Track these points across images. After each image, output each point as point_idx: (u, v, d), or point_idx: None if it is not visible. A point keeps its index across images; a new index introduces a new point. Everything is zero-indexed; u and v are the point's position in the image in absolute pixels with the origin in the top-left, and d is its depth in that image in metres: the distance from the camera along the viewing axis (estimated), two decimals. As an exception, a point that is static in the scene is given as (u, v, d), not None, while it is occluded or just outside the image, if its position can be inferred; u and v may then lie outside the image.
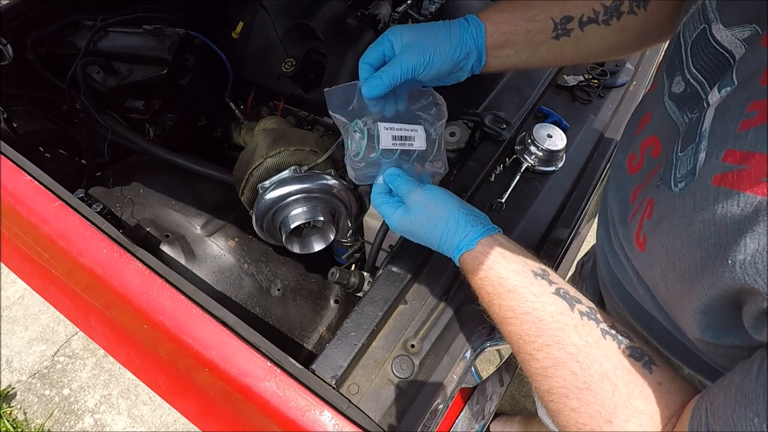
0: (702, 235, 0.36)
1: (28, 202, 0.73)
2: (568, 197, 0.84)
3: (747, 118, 0.34)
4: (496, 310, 0.52)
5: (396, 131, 0.62)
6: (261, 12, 1.15)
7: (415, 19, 1.20)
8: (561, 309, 0.49)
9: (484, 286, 0.53)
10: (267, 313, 0.90)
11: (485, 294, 0.53)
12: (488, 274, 0.53)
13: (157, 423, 1.60)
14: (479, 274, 0.54)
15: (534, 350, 0.48)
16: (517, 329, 0.50)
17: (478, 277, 0.54)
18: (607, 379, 0.44)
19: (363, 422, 0.56)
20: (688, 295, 0.38)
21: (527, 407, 1.66)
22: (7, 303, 1.84)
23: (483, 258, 0.54)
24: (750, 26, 0.39)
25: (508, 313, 0.51)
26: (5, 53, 1.00)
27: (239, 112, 1.22)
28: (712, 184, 0.35)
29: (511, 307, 0.51)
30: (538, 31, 0.60)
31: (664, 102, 0.49)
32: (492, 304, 0.53)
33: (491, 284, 0.53)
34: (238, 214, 0.98)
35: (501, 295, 0.52)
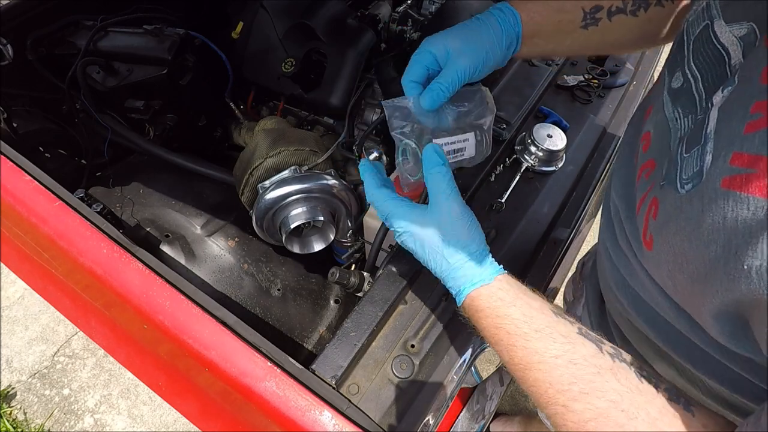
0: (710, 237, 0.35)
1: (28, 202, 0.73)
2: (568, 197, 0.84)
3: (751, 120, 0.34)
4: (519, 354, 0.46)
5: (448, 146, 0.60)
6: (261, 12, 1.15)
7: (415, 19, 1.20)
8: (592, 351, 0.44)
9: (504, 325, 0.48)
10: (267, 313, 0.90)
11: (504, 335, 0.48)
12: (509, 311, 0.48)
13: (157, 423, 1.60)
14: (498, 311, 0.48)
15: (570, 400, 0.43)
16: (546, 376, 0.45)
17: (497, 315, 0.48)
18: (656, 429, 0.40)
19: (363, 422, 0.56)
20: (700, 297, 0.38)
21: (527, 407, 1.66)
22: (7, 303, 1.84)
23: (502, 294, 0.49)
24: (748, 24, 0.39)
25: (535, 357, 0.45)
26: (5, 53, 1.00)
27: (239, 112, 1.22)
28: (720, 186, 0.35)
29: (537, 350, 0.45)
30: (567, 21, 0.60)
31: (663, 96, 0.49)
32: (514, 347, 0.47)
33: (513, 323, 0.47)
34: (238, 214, 0.98)
35: (526, 335, 0.46)
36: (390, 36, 1.20)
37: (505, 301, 0.49)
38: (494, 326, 0.49)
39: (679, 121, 0.46)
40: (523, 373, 0.47)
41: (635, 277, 0.52)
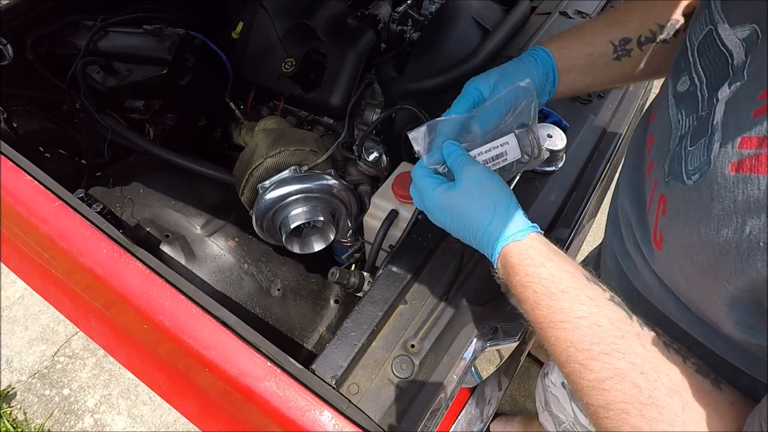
0: (721, 222, 0.35)
1: (28, 202, 0.73)
2: (568, 197, 0.84)
3: (759, 105, 0.35)
4: (544, 312, 0.47)
5: (485, 154, 0.60)
6: (261, 12, 1.15)
7: (415, 19, 1.20)
8: (620, 316, 0.44)
9: (531, 283, 0.48)
10: (267, 313, 0.90)
11: (531, 293, 0.48)
12: (538, 270, 0.48)
13: (157, 423, 1.60)
14: (527, 269, 0.48)
15: (588, 359, 0.43)
16: (567, 335, 0.45)
17: (525, 273, 0.48)
18: (677, 394, 0.39)
19: (363, 422, 0.56)
20: (713, 288, 0.38)
21: (527, 407, 1.66)
22: (7, 303, 1.84)
23: (533, 253, 0.49)
24: (750, 26, 0.40)
25: (559, 316, 0.45)
26: (5, 53, 1.00)
27: (239, 112, 1.22)
28: (729, 171, 0.35)
29: (563, 310, 0.45)
30: (599, 54, 0.63)
31: (668, 100, 0.50)
32: (539, 306, 0.47)
33: (541, 282, 0.47)
34: (238, 214, 0.98)
35: (552, 295, 0.46)
36: (390, 36, 1.20)
37: (535, 260, 0.49)
38: (522, 284, 0.49)
39: (681, 121, 0.46)
40: (546, 331, 0.47)
41: (644, 284, 0.52)
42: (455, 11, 1.09)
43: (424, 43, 1.09)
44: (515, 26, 1.08)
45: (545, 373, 1.02)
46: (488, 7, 1.13)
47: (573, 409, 0.91)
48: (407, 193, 0.83)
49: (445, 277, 0.71)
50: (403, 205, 0.84)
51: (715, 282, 0.37)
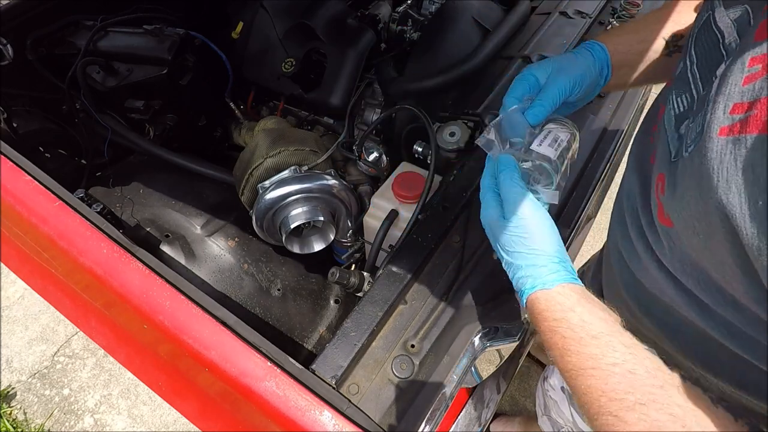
0: (710, 184, 0.36)
1: (28, 202, 0.73)
2: (568, 197, 0.84)
3: (749, 73, 0.35)
4: (573, 359, 0.44)
5: (546, 139, 0.59)
6: (261, 12, 1.15)
7: (415, 19, 1.20)
8: (657, 365, 0.41)
9: (559, 329, 0.46)
10: (267, 313, 0.90)
11: (559, 339, 0.45)
12: (567, 315, 0.46)
13: (157, 423, 1.60)
14: (555, 314, 0.47)
15: (622, 410, 0.39)
16: (599, 383, 0.41)
17: (554, 318, 0.46)
18: None
19: (363, 422, 0.56)
20: (720, 250, 0.37)
21: (527, 407, 1.66)
22: (7, 303, 1.84)
23: (561, 299, 0.47)
24: (742, 6, 0.42)
25: (589, 363, 0.42)
26: (5, 53, 1.00)
27: (239, 112, 1.22)
28: (718, 135, 0.36)
29: (593, 356, 0.43)
30: (652, 50, 0.64)
31: (670, 87, 0.51)
32: (567, 352, 0.45)
33: (570, 327, 0.45)
34: (238, 214, 0.98)
35: (582, 340, 0.44)
36: (390, 36, 1.20)
37: (564, 305, 0.47)
38: (550, 330, 0.47)
39: (672, 101, 0.48)
40: (576, 380, 0.44)
41: (648, 275, 0.52)
42: (455, 11, 1.09)
43: (424, 43, 1.09)
44: (515, 26, 1.08)
45: (545, 377, 1.02)
46: (488, 7, 1.13)
47: (572, 414, 0.90)
48: (407, 193, 0.83)
49: (445, 277, 0.71)
50: (403, 205, 0.84)
51: (721, 245, 0.36)
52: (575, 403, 0.88)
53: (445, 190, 0.78)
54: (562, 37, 1.04)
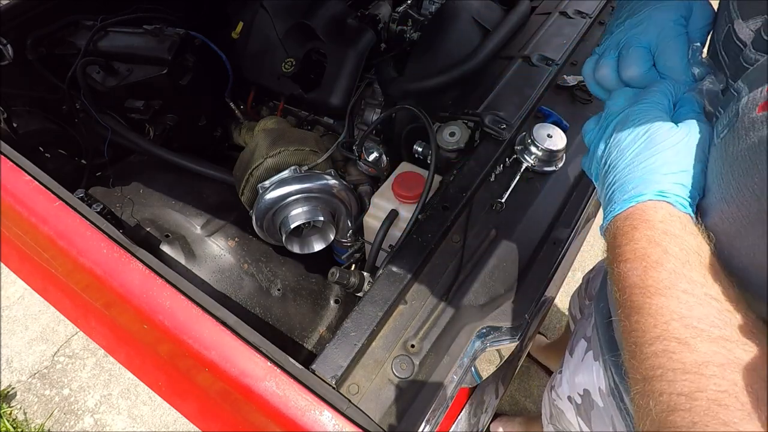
0: (749, 163, 0.34)
1: (28, 202, 0.73)
2: (568, 197, 0.84)
3: None
4: (662, 276, 0.38)
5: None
6: (261, 12, 1.15)
7: (415, 19, 1.20)
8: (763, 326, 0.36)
9: (664, 243, 0.39)
10: (267, 313, 0.90)
11: (657, 253, 0.39)
12: (687, 238, 0.40)
13: (157, 423, 1.59)
14: (670, 228, 0.40)
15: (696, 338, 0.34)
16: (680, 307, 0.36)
17: (664, 233, 0.39)
18: None
19: (363, 422, 0.56)
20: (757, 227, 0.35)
21: (527, 407, 1.66)
22: (7, 303, 1.84)
23: (687, 222, 0.40)
24: (762, 17, 0.42)
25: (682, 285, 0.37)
26: (5, 53, 1.00)
27: (239, 112, 1.22)
28: (756, 113, 0.35)
29: (693, 281, 0.37)
30: None
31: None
32: (659, 267, 0.38)
33: (680, 247, 0.38)
34: (238, 214, 0.98)
35: (688, 264, 0.38)
36: (390, 36, 1.20)
37: (686, 229, 0.40)
38: (653, 240, 0.40)
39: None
40: (649, 297, 0.38)
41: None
42: (455, 11, 1.09)
43: (424, 43, 1.09)
44: (515, 26, 1.08)
45: (552, 386, 1.01)
46: (488, 7, 1.13)
47: (579, 423, 0.90)
48: (407, 193, 0.83)
49: (445, 277, 0.71)
50: (403, 205, 0.84)
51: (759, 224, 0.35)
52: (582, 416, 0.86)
53: (445, 190, 0.78)
54: (562, 37, 1.04)
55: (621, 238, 0.42)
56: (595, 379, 0.78)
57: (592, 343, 0.81)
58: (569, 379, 0.89)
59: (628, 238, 0.41)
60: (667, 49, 0.48)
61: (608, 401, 0.74)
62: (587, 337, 0.85)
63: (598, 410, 0.79)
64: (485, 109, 0.89)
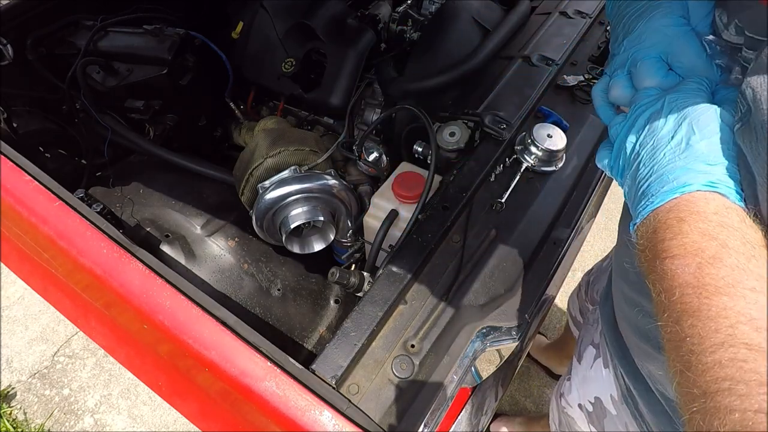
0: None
1: (28, 202, 0.73)
2: (568, 197, 0.84)
3: None
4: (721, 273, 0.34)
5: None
6: (261, 12, 1.15)
7: (415, 19, 1.20)
8: None
9: (721, 236, 0.35)
10: (267, 313, 0.90)
11: (714, 247, 0.35)
12: (745, 230, 0.36)
13: (157, 423, 1.59)
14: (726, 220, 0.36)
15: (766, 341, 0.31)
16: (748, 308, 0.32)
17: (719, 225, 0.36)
18: None
19: (363, 422, 0.56)
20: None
21: (527, 407, 1.66)
22: (7, 303, 1.84)
23: (741, 213, 0.37)
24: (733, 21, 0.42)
25: (750, 282, 0.33)
26: (5, 53, 1.00)
27: (239, 112, 1.22)
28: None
29: (761, 276, 0.34)
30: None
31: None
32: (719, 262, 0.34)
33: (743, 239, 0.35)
34: (238, 214, 0.98)
35: (752, 258, 0.34)
36: (390, 36, 1.20)
37: (742, 217, 0.36)
38: (706, 233, 0.35)
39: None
40: (707, 298, 0.33)
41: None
42: (455, 11, 1.09)
43: (424, 43, 1.09)
44: (515, 26, 1.08)
45: (561, 393, 1.00)
46: (488, 7, 1.13)
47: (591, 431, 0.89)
48: (407, 193, 0.83)
49: (445, 277, 0.71)
50: (403, 205, 0.84)
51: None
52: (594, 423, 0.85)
53: (445, 190, 0.78)
54: (562, 37, 1.04)
55: (664, 232, 0.37)
56: (607, 387, 0.77)
57: (600, 350, 0.80)
58: (579, 386, 0.88)
59: (674, 232, 0.37)
60: (679, 50, 0.45)
61: (621, 408, 0.73)
62: (595, 344, 0.84)
63: (611, 418, 0.78)
64: (485, 109, 0.89)
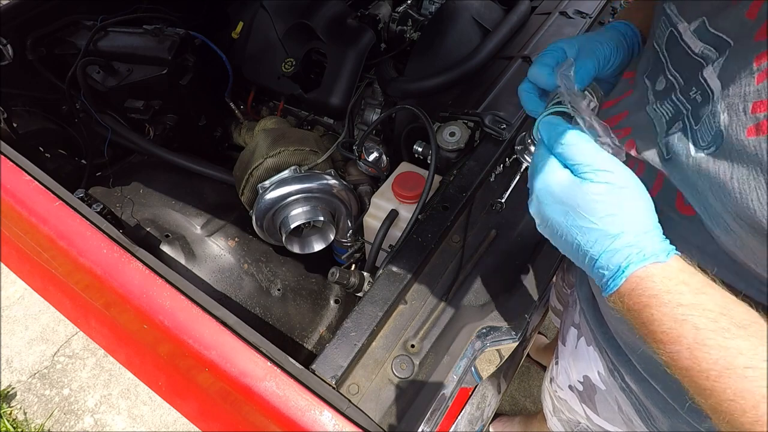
0: (746, 185, 0.36)
1: (28, 202, 0.73)
2: (568, 197, 0.84)
3: (759, 72, 0.36)
4: (713, 356, 0.36)
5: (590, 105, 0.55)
6: (261, 12, 1.15)
7: (415, 19, 1.20)
8: None
9: (690, 316, 0.37)
10: (267, 313, 0.90)
11: (690, 331, 0.37)
12: (700, 299, 0.38)
13: (157, 423, 1.59)
14: (682, 298, 0.38)
15: None
16: (757, 386, 0.34)
17: (679, 303, 0.38)
18: None
19: (363, 422, 0.56)
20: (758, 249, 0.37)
21: (527, 407, 1.66)
22: (7, 303, 1.84)
23: (686, 277, 0.39)
24: (700, 19, 0.44)
25: (740, 360, 0.35)
26: (5, 53, 1.00)
27: (239, 112, 1.22)
28: (747, 136, 0.36)
29: (743, 350, 0.35)
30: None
31: (647, 98, 0.51)
32: (703, 347, 0.36)
33: (705, 314, 0.37)
34: (238, 214, 0.98)
35: (726, 331, 0.36)
36: (390, 36, 1.20)
37: (690, 285, 0.38)
38: (675, 318, 0.37)
39: (659, 110, 0.48)
40: (715, 381, 0.36)
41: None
42: (455, 11, 1.09)
43: (424, 43, 1.09)
44: (515, 26, 1.07)
45: (551, 377, 1.01)
46: (488, 7, 1.13)
47: (584, 410, 0.90)
48: (407, 193, 0.83)
49: (445, 277, 0.71)
50: (403, 205, 0.84)
51: (761, 244, 0.36)
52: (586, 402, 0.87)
53: (445, 190, 0.78)
54: (562, 37, 1.04)
55: (639, 316, 0.40)
56: (593, 364, 0.78)
57: (582, 329, 0.82)
58: (566, 368, 0.90)
59: (648, 318, 0.39)
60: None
61: (609, 382, 0.74)
62: (576, 324, 0.85)
63: (601, 393, 0.79)
64: (485, 109, 0.89)
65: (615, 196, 0.41)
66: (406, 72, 1.05)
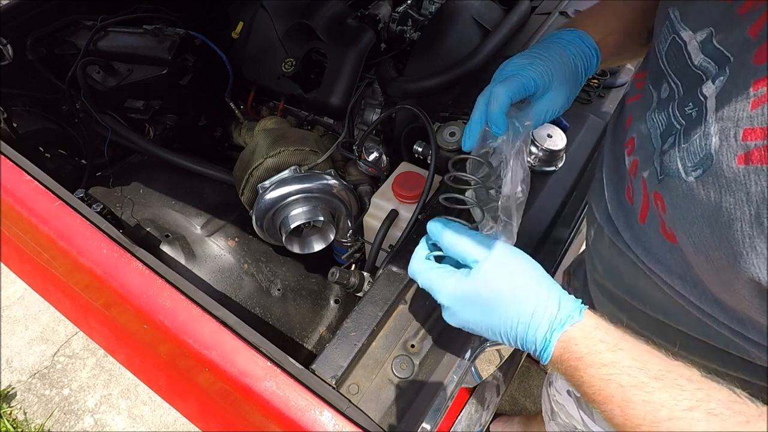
0: (733, 215, 0.36)
1: (28, 202, 0.73)
2: (568, 197, 0.84)
3: (755, 97, 0.35)
4: (640, 412, 0.38)
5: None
6: (261, 12, 1.15)
7: (415, 19, 1.20)
8: (728, 395, 0.37)
9: (614, 375, 0.39)
10: (267, 313, 0.90)
11: (616, 389, 0.39)
12: (618, 357, 0.39)
13: (157, 423, 1.59)
14: (603, 357, 0.40)
15: None
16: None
17: (602, 364, 0.40)
18: None
19: (363, 422, 0.56)
20: (734, 279, 0.37)
21: (527, 407, 1.66)
22: (7, 303, 1.84)
23: (601, 334, 0.41)
24: (707, 29, 0.42)
25: (663, 413, 0.37)
26: (5, 53, 1.00)
27: (239, 112, 1.22)
28: (737, 164, 0.35)
29: (664, 403, 0.37)
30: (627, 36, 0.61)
31: (651, 105, 0.51)
32: (630, 404, 0.38)
33: (626, 372, 0.39)
34: (238, 214, 0.98)
35: (645, 386, 0.38)
36: (390, 36, 1.20)
37: (608, 343, 0.40)
38: (601, 378, 0.40)
39: (659, 121, 0.48)
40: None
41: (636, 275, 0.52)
42: (455, 11, 1.09)
43: (424, 43, 1.09)
44: (515, 26, 1.07)
45: (549, 382, 1.01)
46: (488, 7, 1.13)
47: (581, 415, 0.90)
48: (407, 193, 0.83)
49: (445, 277, 0.70)
50: (403, 205, 0.84)
51: (737, 275, 0.36)
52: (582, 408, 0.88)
53: (445, 190, 0.78)
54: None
55: (573, 379, 0.43)
56: None
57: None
58: None
59: (580, 380, 0.42)
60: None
61: None
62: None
63: None
64: (485, 109, 0.89)
65: (519, 276, 0.45)
66: (406, 72, 1.05)
